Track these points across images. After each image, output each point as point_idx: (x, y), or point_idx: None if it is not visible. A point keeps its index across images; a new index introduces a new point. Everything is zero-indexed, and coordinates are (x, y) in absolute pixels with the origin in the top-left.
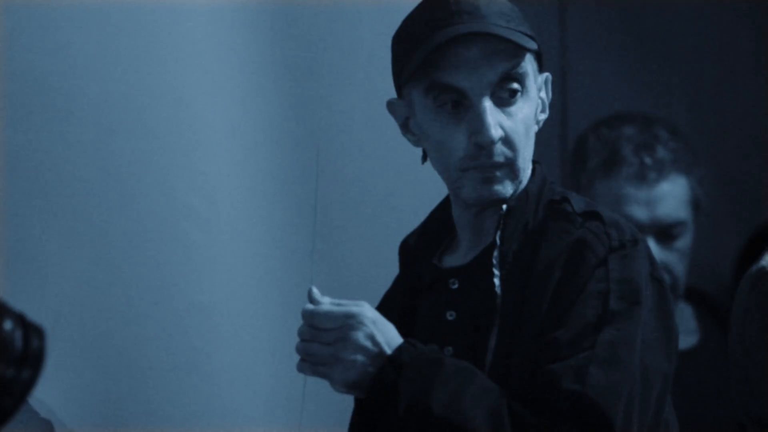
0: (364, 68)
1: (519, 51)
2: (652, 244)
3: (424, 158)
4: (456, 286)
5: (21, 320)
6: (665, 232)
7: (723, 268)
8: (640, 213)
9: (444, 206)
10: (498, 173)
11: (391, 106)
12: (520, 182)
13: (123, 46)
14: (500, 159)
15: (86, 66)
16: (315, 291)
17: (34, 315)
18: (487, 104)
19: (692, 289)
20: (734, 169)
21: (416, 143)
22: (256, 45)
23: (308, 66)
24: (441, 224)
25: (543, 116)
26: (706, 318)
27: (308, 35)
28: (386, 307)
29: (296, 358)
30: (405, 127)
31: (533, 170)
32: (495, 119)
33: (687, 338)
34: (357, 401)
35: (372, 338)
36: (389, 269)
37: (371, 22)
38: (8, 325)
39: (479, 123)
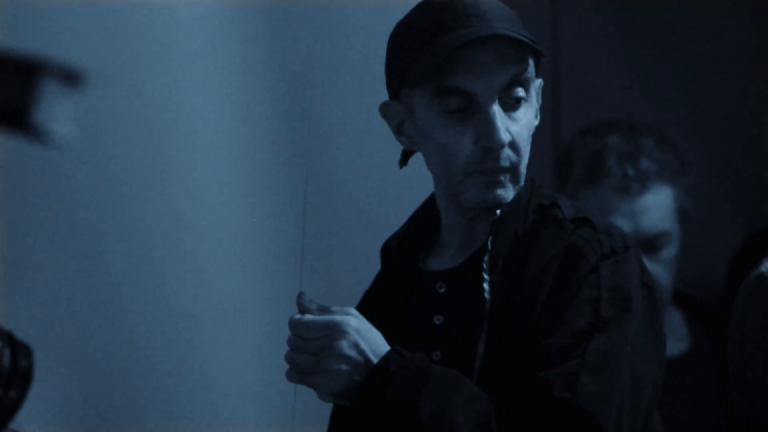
0: (355, 74)
1: (525, 55)
2: None
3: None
4: (443, 290)
5: (9, 339)
6: (649, 243)
7: (714, 274)
8: (623, 225)
9: (427, 207)
10: (502, 177)
11: (385, 108)
12: (520, 187)
13: (116, 52)
14: (506, 164)
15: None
16: (304, 296)
17: (26, 323)
18: (496, 108)
19: (683, 295)
20: (728, 175)
21: (411, 146)
22: (248, 51)
23: (301, 72)
24: (424, 226)
25: (536, 122)
26: (696, 324)
27: (300, 42)
28: (366, 308)
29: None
30: (399, 130)
31: None
32: (503, 124)
33: (677, 344)
34: (336, 407)
35: (356, 347)
36: None
37: (363, 28)
38: None
39: (488, 127)
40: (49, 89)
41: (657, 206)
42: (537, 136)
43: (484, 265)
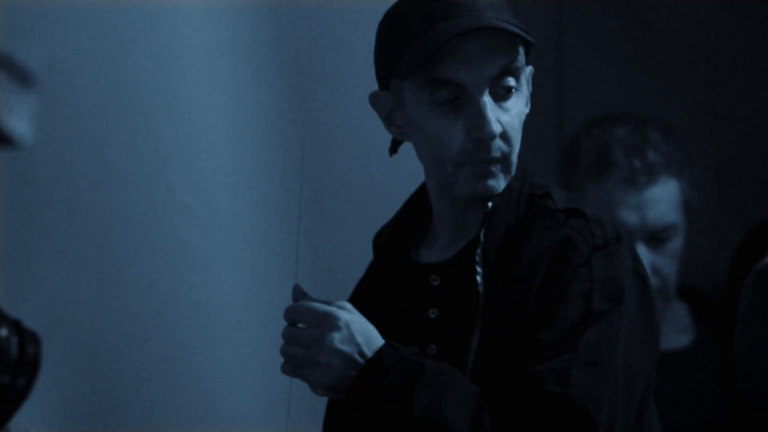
0: (355, 68)
1: (515, 45)
2: (642, 248)
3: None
4: (437, 283)
5: (17, 327)
6: (656, 236)
7: (718, 267)
8: (630, 217)
9: (418, 197)
10: (493, 168)
11: (375, 98)
12: (511, 177)
13: (119, 46)
14: (497, 154)
15: (83, 66)
16: (299, 288)
17: (29, 315)
18: (487, 99)
19: (687, 287)
20: (731, 168)
21: (401, 136)
22: (250, 45)
23: (303, 66)
24: (415, 215)
25: (526, 110)
26: (700, 316)
27: (300, 35)
28: (359, 299)
29: None
30: (389, 120)
31: None
32: (494, 114)
33: (681, 337)
34: (332, 402)
35: (349, 341)
36: None
37: (361, 22)
38: (4, 332)
39: (479, 118)
40: (2, 81)
41: (663, 199)
42: (541, 131)
43: (477, 258)
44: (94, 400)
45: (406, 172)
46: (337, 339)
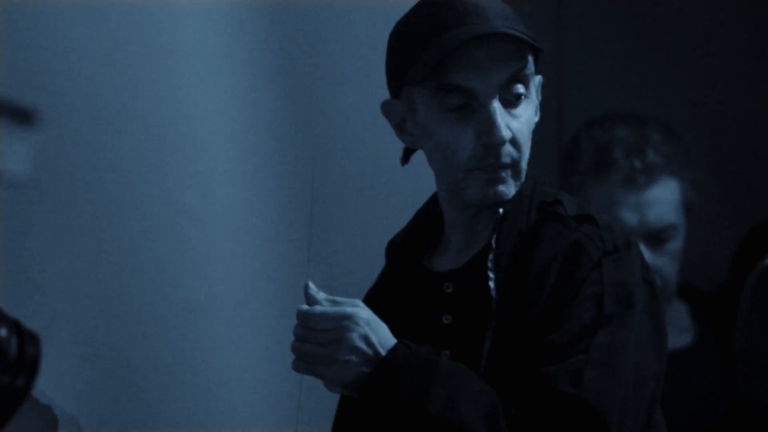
0: (359, 68)
1: (525, 52)
2: (642, 248)
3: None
4: (451, 290)
5: (16, 327)
6: (655, 236)
7: (719, 266)
8: (630, 217)
9: (430, 205)
10: (503, 174)
11: (386, 106)
12: (520, 183)
13: (119, 45)
14: (507, 160)
15: (82, 66)
16: (311, 286)
17: (29, 315)
18: (497, 105)
19: (687, 287)
20: (731, 168)
21: (413, 144)
22: (251, 44)
23: (304, 65)
24: (428, 224)
25: (536, 118)
26: (700, 316)
27: (304, 35)
28: (371, 306)
29: (292, 355)
30: (400, 128)
31: None
32: (504, 120)
33: (681, 336)
34: (343, 399)
35: (366, 339)
36: None
37: (366, 22)
38: (3, 332)
39: (489, 124)
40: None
41: (663, 199)
42: (541, 132)
43: (490, 264)
44: (95, 400)
45: (418, 172)
46: (356, 336)
